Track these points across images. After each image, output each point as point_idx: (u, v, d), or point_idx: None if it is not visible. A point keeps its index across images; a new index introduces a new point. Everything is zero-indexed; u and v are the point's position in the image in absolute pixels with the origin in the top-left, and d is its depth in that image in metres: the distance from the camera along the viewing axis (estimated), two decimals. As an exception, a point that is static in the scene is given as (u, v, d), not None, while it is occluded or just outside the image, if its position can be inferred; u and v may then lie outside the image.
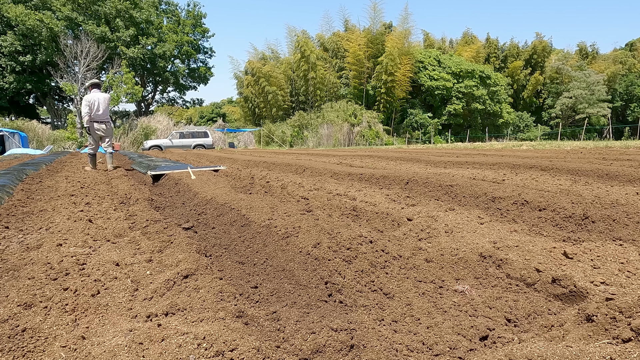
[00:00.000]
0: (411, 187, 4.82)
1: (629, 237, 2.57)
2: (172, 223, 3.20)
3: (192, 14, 40.06)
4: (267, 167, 8.84)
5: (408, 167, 7.77)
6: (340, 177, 6.30)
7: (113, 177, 6.82)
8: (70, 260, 2.13)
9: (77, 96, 27.87)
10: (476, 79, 35.15)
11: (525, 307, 1.88)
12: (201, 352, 1.30)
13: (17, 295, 1.69)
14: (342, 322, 1.63)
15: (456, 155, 10.56)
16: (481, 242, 2.59)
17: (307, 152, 17.67)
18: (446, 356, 1.53)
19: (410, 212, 3.52)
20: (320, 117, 32.65)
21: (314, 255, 2.34)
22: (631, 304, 1.59)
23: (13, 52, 29.21)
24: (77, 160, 12.06)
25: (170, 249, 2.50)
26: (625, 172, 5.07)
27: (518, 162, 6.95)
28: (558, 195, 3.54)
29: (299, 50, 34.58)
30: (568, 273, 2.00)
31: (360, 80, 34.81)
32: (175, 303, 1.67)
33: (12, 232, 2.78)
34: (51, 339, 1.43)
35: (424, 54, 36.15)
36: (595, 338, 1.51)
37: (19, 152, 17.50)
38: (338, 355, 1.43)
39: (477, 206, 3.69)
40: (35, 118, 32.52)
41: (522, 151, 12.64)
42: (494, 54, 43.75)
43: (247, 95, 38.56)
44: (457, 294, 2.04)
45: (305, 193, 4.62)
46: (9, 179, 5.28)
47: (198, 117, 55.22)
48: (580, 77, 37.17)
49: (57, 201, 4.05)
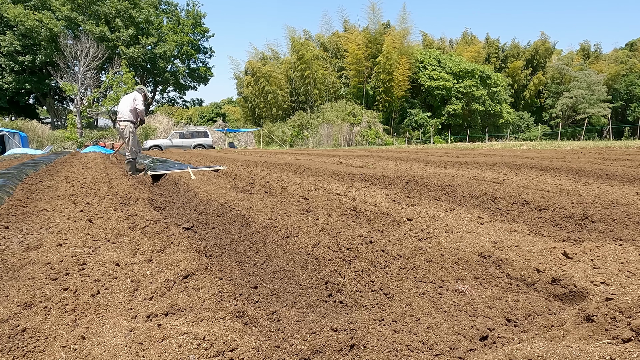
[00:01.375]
0: (411, 187, 4.82)
1: (629, 237, 2.57)
2: (172, 223, 3.20)
3: (192, 14, 40.05)
4: (267, 167, 8.84)
5: (408, 167, 7.77)
6: (340, 177, 6.30)
7: (113, 177, 6.82)
8: (70, 260, 2.13)
9: (77, 96, 27.87)
10: (476, 79, 35.14)
11: (525, 307, 1.88)
12: (201, 352, 1.30)
13: (17, 295, 1.69)
14: (342, 322, 1.63)
15: (456, 155, 10.56)
16: (481, 242, 2.59)
17: (307, 152, 17.67)
18: (446, 356, 1.53)
19: (410, 212, 3.52)
20: (320, 117, 32.65)
21: (314, 255, 2.34)
22: (631, 304, 1.59)
23: (12, 52, 29.18)
24: (77, 160, 12.06)
25: (170, 249, 2.50)
26: (625, 172, 5.07)
27: (518, 162, 6.95)
28: (558, 195, 3.54)
29: (298, 50, 34.60)
30: (568, 273, 2.00)
31: (359, 80, 34.80)
32: (176, 303, 1.67)
33: (12, 232, 2.78)
34: (51, 339, 1.43)
35: (424, 54, 36.14)
36: (595, 338, 1.51)
37: (19, 152, 17.49)
38: (338, 355, 1.43)
39: (477, 206, 3.69)
40: (35, 118, 32.50)
41: (522, 151, 12.64)
42: (494, 54, 43.74)
43: (247, 95, 38.56)
44: (457, 294, 2.04)
45: (305, 193, 4.62)
46: (9, 179, 5.28)
47: (198, 117, 55.24)
48: (581, 77, 37.17)
49: (57, 201, 4.05)
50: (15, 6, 28.16)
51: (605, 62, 42.10)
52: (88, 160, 11.95)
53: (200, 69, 41.09)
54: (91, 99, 28.66)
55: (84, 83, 28.27)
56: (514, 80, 41.64)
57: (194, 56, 40.11)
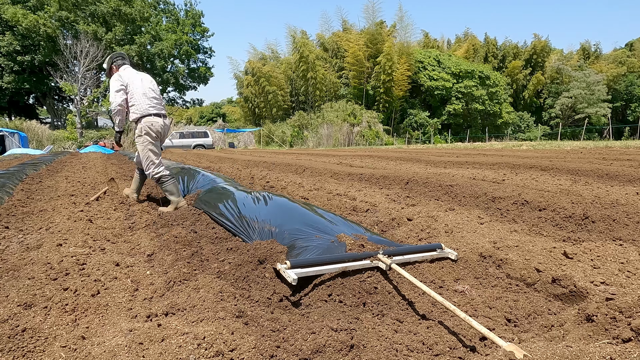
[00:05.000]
0: (411, 187, 4.82)
1: (629, 237, 2.57)
2: (173, 223, 3.20)
3: (191, 14, 40.05)
4: (267, 167, 8.84)
5: (408, 167, 7.77)
6: (340, 177, 6.30)
7: (113, 177, 6.82)
8: (70, 260, 2.12)
9: (77, 96, 27.87)
10: (476, 79, 35.18)
11: (525, 307, 1.88)
12: (201, 352, 1.30)
13: (17, 295, 1.69)
14: (342, 322, 1.63)
15: (456, 155, 10.56)
16: (481, 242, 2.59)
17: (307, 152, 17.67)
18: (446, 356, 1.53)
19: (410, 212, 3.52)
20: (320, 117, 32.66)
21: (314, 255, 2.33)
22: (631, 304, 1.59)
23: (12, 52, 29.17)
24: (77, 160, 12.07)
25: (170, 249, 2.50)
26: (625, 172, 5.07)
27: (518, 162, 6.95)
28: (558, 195, 3.54)
29: (298, 50, 34.58)
30: (568, 273, 2.00)
31: (360, 80, 34.81)
32: (176, 303, 1.67)
33: (12, 232, 2.78)
34: (51, 339, 1.43)
35: (424, 54, 36.16)
36: (595, 338, 1.51)
37: (19, 152, 17.50)
38: (338, 355, 1.43)
39: (477, 206, 3.69)
40: (35, 118, 32.49)
41: (522, 151, 12.64)
42: (492, 54, 43.75)
43: (247, 95, 38.54)
44: (457, 293, 2.04)
45: (305, 193, 4.62)
46: (9, 179, 5.28)
47: (198, 117, 55.23)
48: (580, 77, 37.17)
49: (57, 201, 4.05)
50: (13, 7, 28.12)
51: (605, 62, 42.11)
52: (88, 160, 11.95)
53: (200, 69, 41.07)
54: (91, 99, 28.66)
55: (84, 83, 28.27)
56: (513, 80, 41.65)
57: (193, 56, 40.09)
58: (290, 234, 2.40)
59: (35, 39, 28.87)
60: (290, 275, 1.89)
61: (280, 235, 2.42)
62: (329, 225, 2.52)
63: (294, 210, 2.75)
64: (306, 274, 1.97)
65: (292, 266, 1.97)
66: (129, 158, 12.46)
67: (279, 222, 2.58)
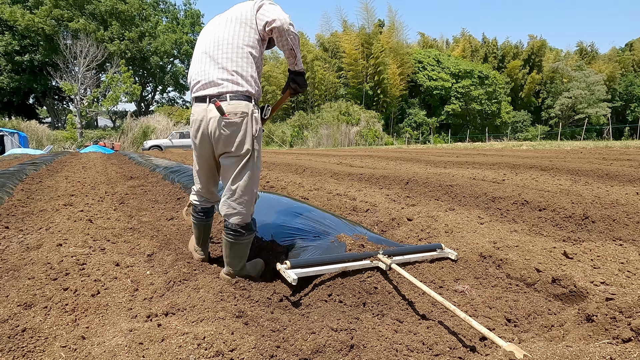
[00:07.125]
0: (411, 187, 4.82)
1: (629, 237, 2.57)
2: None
3: (190, 13, 40.02)
4: (267, 167, 8.84)
5: (408, 167, 7.77)
6: (340, 177, 6.30)
7: (113, 177, 6.82)
8: (70, 260, 2.12)
9: (77, 96, 27.85)
10: (475, 79, 35.19)
11: (525, 307, 1.88)
12: (201, 352, 1.30)
13: (17, 295, 1.69)
14: (342, 322, 1.63)
15: (456, 155, 10.56)
16: (481, 242, 2.59)
17: (307, 152, 17.67)
18: (446, 356, 1.53)
19: (410, 212, 3.52)
20: (319, 117, 32.67)
21: (314, 255, 2.33)
22: (631, 304, 1.59)
23: (11, 52, 29.14)
24: (77, 160, 12.06)
25: (169, 249, 2.50)
26: (625, 172, 5.08)
27: (518, 162, 6.96)
28: (558, 195, 3.54)
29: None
30: (568, 273, 2.00)
31: (358, 80, 34.82)
32: (176, 303, 1.67)
33: (12, 232, 2.78)
34: (51, 339, 1.43)
35: (423, 54, 36.16)
36: (595, 338, 1.51)
37: (19, 152, 17.50)
38: (338, 355, 1.43)
39: (477, 206, 3.69)
40: (35, 118, 32.46)
41: (522, 151, 12.65)
42: (492, 54, 43.77)
43: (246, 95, 38.47)
44: (457, 293, 2.04)
45: (305, 193, 4.62)
46: (9, 179, 5.27)
47: (198, 117, 55.15)
48: (580, 77, 37.18)
49: (57, 201, 4.05)
50: (11, 7, 28.04)
51: (603, 61, 42.14)
52: (88, 160, 11.94)
53: (200, 69, 40.99)
54: (91, 99, 28.64)
55: (84, 83, 28.25)
56: (512, 79, 41.68)
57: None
58: (290, 234, 2.40)
59: (34, 38, 28.82)
60: (290, 275, 1.90)
61: (280, 235, 2.42)
62: (329, 225, 2.51)
63: (294, 210, 2.75)
64: (306, 274, 1.98)
65: (292, 266, 1.97)
66: (129, 158, 12.45)
67: (279, 222, 2.58)
